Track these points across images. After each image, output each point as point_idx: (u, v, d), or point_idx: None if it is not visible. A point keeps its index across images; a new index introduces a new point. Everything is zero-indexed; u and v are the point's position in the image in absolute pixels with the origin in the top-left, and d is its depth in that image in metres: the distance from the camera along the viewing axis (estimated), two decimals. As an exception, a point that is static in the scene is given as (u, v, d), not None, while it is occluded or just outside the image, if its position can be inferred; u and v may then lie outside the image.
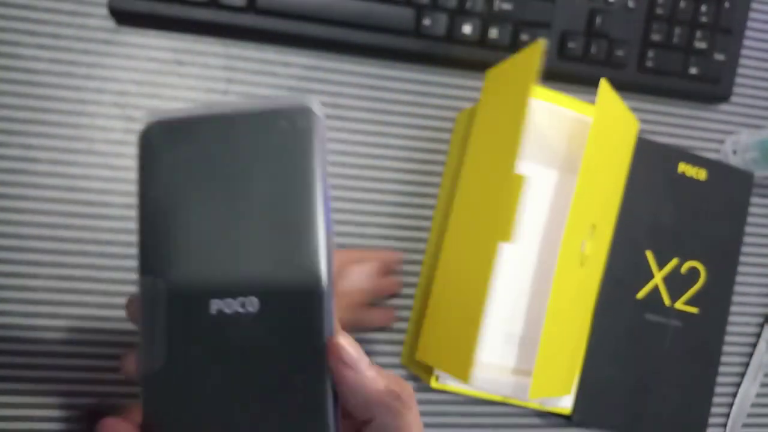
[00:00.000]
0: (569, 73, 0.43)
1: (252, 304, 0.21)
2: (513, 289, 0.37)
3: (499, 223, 0.35)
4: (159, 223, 0.22)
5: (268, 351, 0.21)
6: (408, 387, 0.23)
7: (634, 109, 0.44)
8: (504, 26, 0.41)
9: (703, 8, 0.44)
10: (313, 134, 0.22)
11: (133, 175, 0.39)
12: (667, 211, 0.43)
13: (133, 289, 0.25)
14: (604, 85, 0.38)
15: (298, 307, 0.21)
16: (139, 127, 0.39)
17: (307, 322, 0.21)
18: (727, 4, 0.45)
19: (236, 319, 0.21)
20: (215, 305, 0.21)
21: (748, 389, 0.45)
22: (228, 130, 0.22)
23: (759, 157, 0.45)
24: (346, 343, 0.21)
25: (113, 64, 0.39)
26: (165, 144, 0.22)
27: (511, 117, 0.35)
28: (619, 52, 0.43)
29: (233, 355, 0.21)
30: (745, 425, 0.45)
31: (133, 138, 0.39)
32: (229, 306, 0.21)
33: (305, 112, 0.22)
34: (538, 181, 0.41)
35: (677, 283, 0.43)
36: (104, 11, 0.39)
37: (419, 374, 0.40)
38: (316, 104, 0.22)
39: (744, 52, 0.47)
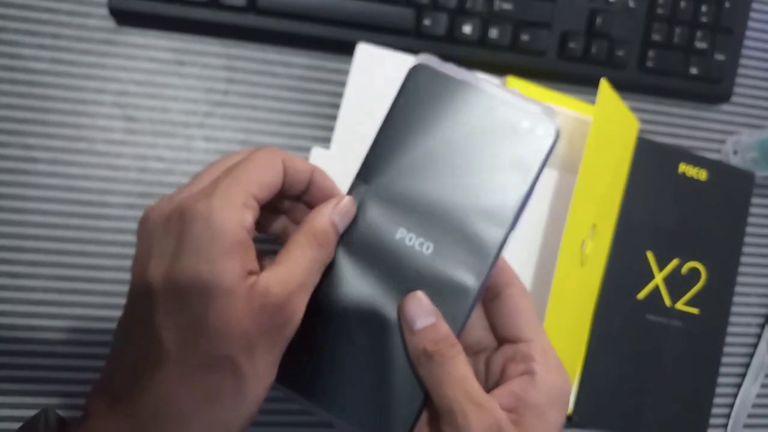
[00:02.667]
0: (569, 73, 0.43)
1: (429, 248, 0.25)
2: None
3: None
4: (390, 144, 0.25)
5: (422, 287, 0.24)
6: (448, 347, 0.23)
7: (634, 109, 0.44)
8: (504, 26, 0.41)
9: (704, 8, 0.44)
10: (548, 147, 0.25)
11: (133, 175, 0.39)
12: (667, 211, 0.43)
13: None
14: (604, 85, 0.38)
15: (462, 272, 0.24)
16: (137, 126, 0.39)
17: (464, 283, 0.24)
18: (727, 4, 0.44)
19: (411, 252, 0.25)
20: (401, 233, 0.25)
21: (749, 389, 0.45)
22: (481, 104, 0.25)
23: (759, 157, 0.45)
24: (407, 302, 0.24)
25: (113, 64, 0.39)
26: (427, 86, 0.25)
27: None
28: (620, 52, 0.43)
29: (394, 278, 0.25)
30: (746, 426, 0.45)
31: (134, 138, 0.39)
32: (411, 240, 0.25)
33: (549, 127, 0.25)
34: (539, 181, 0.41)
35: (678, 283, 0.43)
36: (104, 11, 0.39)
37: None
38: (556, 124, 0.25)
39: (744, 52, 0.47)
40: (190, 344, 0.21)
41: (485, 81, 0.25)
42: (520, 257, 0.40)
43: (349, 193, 0.25)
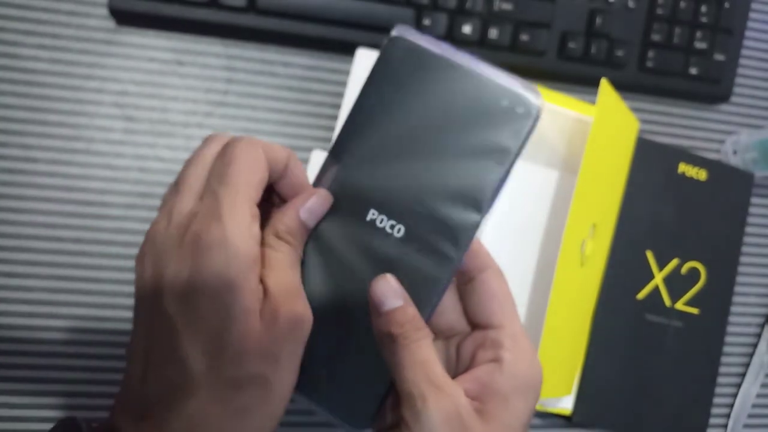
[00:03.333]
0: (569, 73, 0.43)
1: (400, 231, 0.24)
2: (513, 289, 0.37)
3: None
4: (363, 121, 0.24)
5: (392, 270, 0.24)
6: (412, 330, 0.23)
7: (634, 109, 0.44)
8: (504, 26, 0.41)
9: (703, 8, 0.44)
10: (527, 128, 0.23)
11: (132, 175, 0.39)
12: (667, 211, 0.43)
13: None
14: (604, 85, 0.38)
15: (433, 256, 0.24)
16: (137, 126, 0.39)
17: (435, 267, 0.24)
18: (727, 4, 0.45)
19: (381, 234, 0.24)
20: (372, 214, 0.24)
21: (749, 389, 0.45)
22: (459, 80, 0.24)
23: (759, 157, 0.45)
24: (375, 284, 0.23)
25: (113, 64, 0.39)
26: (403, 60, 0.24)
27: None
28: (620, 52, 0.43)
29: (364, 261, 0.24)
30: (746, 425, 0.45)
31: (133, 138, 0.39)
32: (382, 222, 0.24)
33: (530, 105, 0.23)
34: (538, 181, 0.41)
35: (678, 283, 0.43)
36: (104, 11, 0.39)
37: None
38: (540, 101, 0.23)
39: (744, 52, 0.47)
40: (216, 366, 0.21)
41: (464, 55, 0.24)
42: (521, 257, 0.40)
43: (321, 171, 0.25)
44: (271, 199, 0.26)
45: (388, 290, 0.23)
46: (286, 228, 0.24)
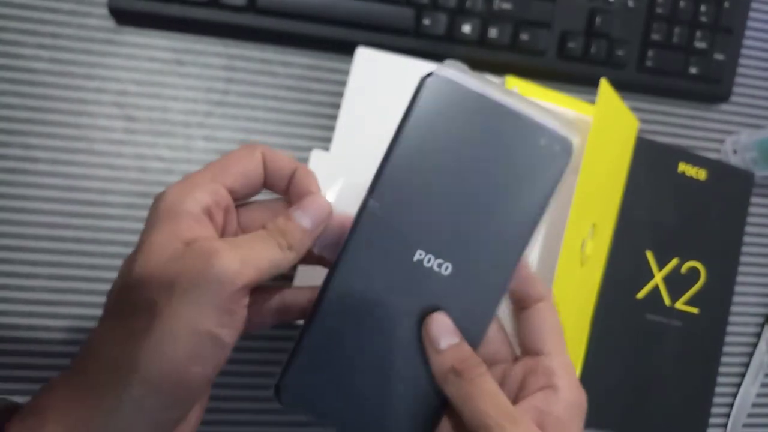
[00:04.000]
0: (569, 73, 0.43)
1: (447, 269, 0.24)
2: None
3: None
4: (405, 162, 0.24)
5: (442, 308, 0.24)
6: (475, 365, 0.24)
7: (634, 109, 0.44)
8: (504, 26, 0.41)
9: (703, 8, 0.44)
10: (564, 165, 0.24)
11: (133, 175, 0.39)
12: (667, 211, 0.43)
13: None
14: (604, 84, 0.38)
15: (480, 291, 0.25)
16: (137, 126, 0.39)
17: (482, 301, 0.25)
18: (727, 4, 0.45)
19: (429, 273, 0.24)
20: (419, 254, 0.24)
21: (749, 389, 0.45)
22: (499, 118, 0.24)
23: (759, 157, 0.45)
24: (431, 321, 0.24)
25: (113, 64, 0.39)
26: (443, 96, 0.24)
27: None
28: (619, 52, 0.43)
29: (413, 301, 0.25)
30: (746, 425, 0.45)
31: (133, 138, 0.39)
32: (429, 261, 0.24)
33: (566, 144, 0.24)
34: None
35: (677, 283, 0.43)
36: (104, 11, 0.39)
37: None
38: (576, 139, 0.24)
39: (744, 52, 0.47)
40: (120, 297, 0.23)
41: (504, 92, 0.25)
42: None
43: (361, 211, 0.25)
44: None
45: (444, 328, 0.24)
46: (279, 229, 0.24)
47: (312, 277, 0.27)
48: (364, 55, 0.38)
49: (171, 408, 0.22)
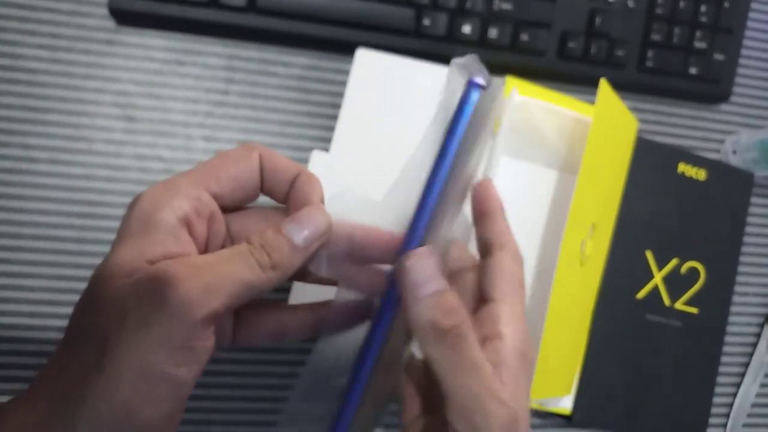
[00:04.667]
0: (569, 73, 0.43)
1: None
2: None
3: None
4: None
5: None
6: (462, 323, 0.21)
7: (634, 109, 0.44)
8: (504, 26, 0.41)
9: (703, 8, 0.44)
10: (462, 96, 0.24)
11: (133, 175, 0.39)
12: (667, 211, 0.43)
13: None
14: (603, 85, 0.38)
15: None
16: (137, 126, 0.39)
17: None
18: (727, 4, 0.45)
19: None
20: None
21: (749, 389, 0.45)
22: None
23: (759, 157, 0.45)
24: (412, 264, 0.21)
25: (113, 64, 0.39)
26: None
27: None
28: (619, 52, 0.43)
29: None
30: (746, 425, 0.45)
31: (133, 138, 0.39)
32: None
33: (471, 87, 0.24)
34: (538, 181, 0.41)
35: (677, 283, 0.43)
36: (104, 11, 0.39)
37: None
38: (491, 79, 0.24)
39: (744, 52, 0.47)
40: (78, 320, 0.21)
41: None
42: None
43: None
44: None
45: (427, 269, 0.21)
46: (258, 240, 0.21)
47: (309, 292, 0.25)
48: (364, 56, 0.38)
49: None
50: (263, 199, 0.25)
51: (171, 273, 0.19)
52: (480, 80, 0.24)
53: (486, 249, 0.25)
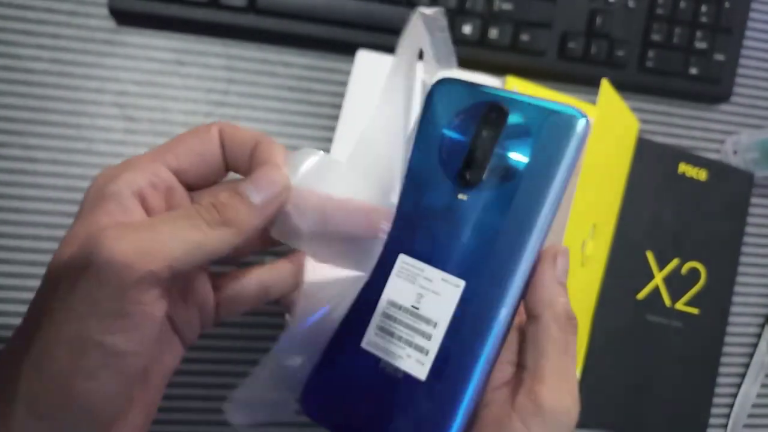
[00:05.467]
0: (569, 73, 0.43)
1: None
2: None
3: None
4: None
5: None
6: (577, 322, 0.23)
7: (635, 109, 0.44)
8: (504, 26, 0.41)
9: (703, 8, 0.44)
10: (573, 139, 0.23)
11: (133, 175, 0.39)
12: (667, 211, 0.43)
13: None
14: (605, 85, 0.38)
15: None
16: (137, 126, 0.39)
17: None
18: (727, 4, 0.45)
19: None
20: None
21: (749, 390, 0.45)
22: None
23: (759, 157, 0.45)
24: (563, 261, 0.23)
25: (113, 64, 0.39)
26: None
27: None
28: (620, 52, 0.43)
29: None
30: (746, 426, 0.45)
31: (133, 138, 0.39)
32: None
33: (574, 118, 0.23)
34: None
35: (678, 283, 0.43)
36: (104, 11, 0.39)
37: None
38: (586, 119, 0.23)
39: (744, 52, 0.47)
40: (33, 301, 0.21)
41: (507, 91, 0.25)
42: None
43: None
44: None
45: (567, 265, 0.24)
46: (209, 200, 0.20)
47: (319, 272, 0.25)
48: (364, 58, 0.38)
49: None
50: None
51: (102, 236, 0.18)
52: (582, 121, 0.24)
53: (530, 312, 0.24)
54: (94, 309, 0.18)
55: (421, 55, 0.26)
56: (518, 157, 0.23)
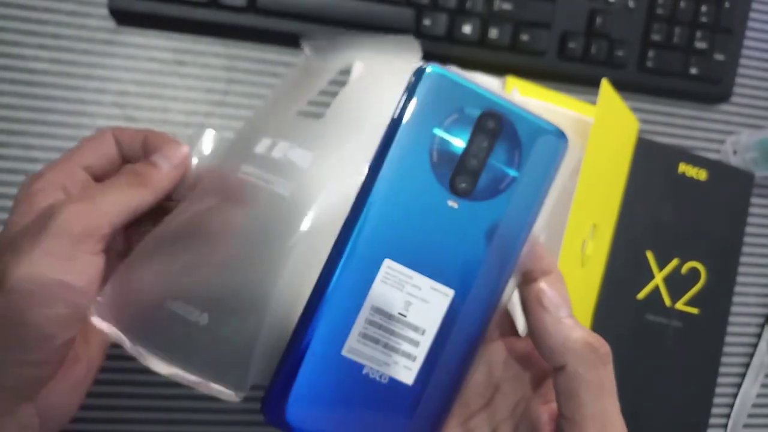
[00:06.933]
0: (569, 73, 0.43)
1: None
2: (514, 289, 0.37)
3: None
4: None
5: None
6: (605, 345, 0.22)
7: (635, 109, 0.44)
8: (504, 26, 0.41)
9: (703, 8, 0.44)
10: (558, 159, 0.24)
11: (133, 175, 0.39)
12: (667, 211, 0.43)
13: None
14: (605, 85, 0.38)
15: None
16: (138, 126, 0.39)
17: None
18: (727, 4, 0.45)
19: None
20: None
21: (749, 389, 0.45)
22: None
23: (759, 157, 0.45)
24: (548, 288, 0.23)
25: (113, 64, 0.39)
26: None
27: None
28: (620, 52, 0.43)
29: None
30: (746, 425, 0.45)
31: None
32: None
33: (560, 138, 0.25)
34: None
35: (678, 283, 0.43)
36: (104, 11, 0.39)
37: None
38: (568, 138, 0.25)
39: (744, 52, 0.47)
40: None
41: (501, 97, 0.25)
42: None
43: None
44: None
45: (563, 292, 0.24)
46: (128, 169, 0.26)
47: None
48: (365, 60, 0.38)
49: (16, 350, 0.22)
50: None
51: (57, 206, 0.24)
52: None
53: (529, 274, 0.24)
54: (53, 256, 0.23)
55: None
56: (509, 169, 0.24)
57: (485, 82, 0.26)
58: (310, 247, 0.24)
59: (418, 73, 0.24)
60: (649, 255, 0.43)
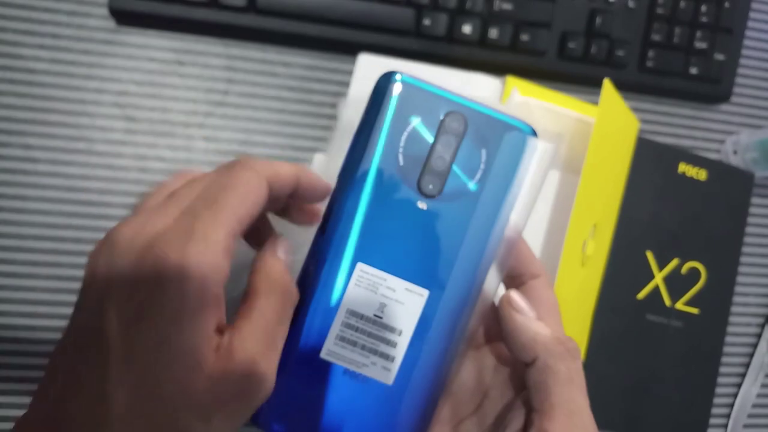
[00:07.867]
0: (569, 73, 0.43)
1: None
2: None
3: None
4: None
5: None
6: (574, 342, 0.23)
7: (635, 110, 0.44)
8: (504, 26, 0.41)
9: (704, 8, 0.44)
10: (527, 155, 0.24)
11: (132, 175, 0.39)
12: (667, 211, 0.43)
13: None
14: (607, 85, 0.38)
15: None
16: (137, 126, 0.39)
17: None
18: (727, 4, 0.45)
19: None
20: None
21: (749, 390, 0.45)
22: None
23: (759, 157, 0.45)
24: (518, 297, 0.24)
25: (113, 64, 0.39)
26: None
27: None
28: (620, 52, 0.43)
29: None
30: (746, 425, 0.45)
31: (134, 138, 0.39)
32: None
33: (529, 134, 0.24)
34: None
35: (678, 283, 0.43)
36: (104, 11, 0.39)
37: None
38: (538, 135, 0.24)
39: (744, 52, 0.47)
40: (140, 410, 0.18)
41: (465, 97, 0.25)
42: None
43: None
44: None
45: (525, 300, 0.25)
46: (272, 275, 0.22)
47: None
48: (366, 60, 0.38)
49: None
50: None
51: (253, 361, 0.20)
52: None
53: (518, 278, 0.26)
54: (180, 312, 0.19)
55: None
56: (476, 168, 0.24)
57: (460, 79, 0.26)
58: None
59: (384, 80, 0.24)
60: (649, 255, 0.43)
